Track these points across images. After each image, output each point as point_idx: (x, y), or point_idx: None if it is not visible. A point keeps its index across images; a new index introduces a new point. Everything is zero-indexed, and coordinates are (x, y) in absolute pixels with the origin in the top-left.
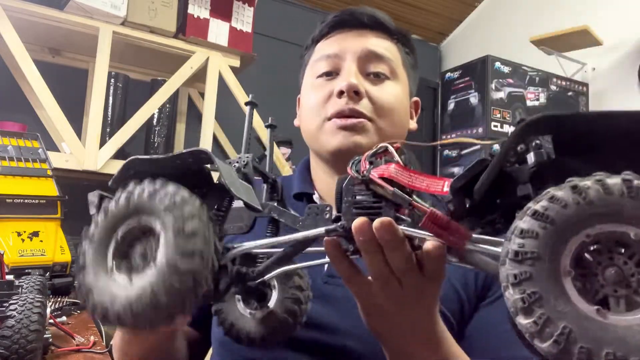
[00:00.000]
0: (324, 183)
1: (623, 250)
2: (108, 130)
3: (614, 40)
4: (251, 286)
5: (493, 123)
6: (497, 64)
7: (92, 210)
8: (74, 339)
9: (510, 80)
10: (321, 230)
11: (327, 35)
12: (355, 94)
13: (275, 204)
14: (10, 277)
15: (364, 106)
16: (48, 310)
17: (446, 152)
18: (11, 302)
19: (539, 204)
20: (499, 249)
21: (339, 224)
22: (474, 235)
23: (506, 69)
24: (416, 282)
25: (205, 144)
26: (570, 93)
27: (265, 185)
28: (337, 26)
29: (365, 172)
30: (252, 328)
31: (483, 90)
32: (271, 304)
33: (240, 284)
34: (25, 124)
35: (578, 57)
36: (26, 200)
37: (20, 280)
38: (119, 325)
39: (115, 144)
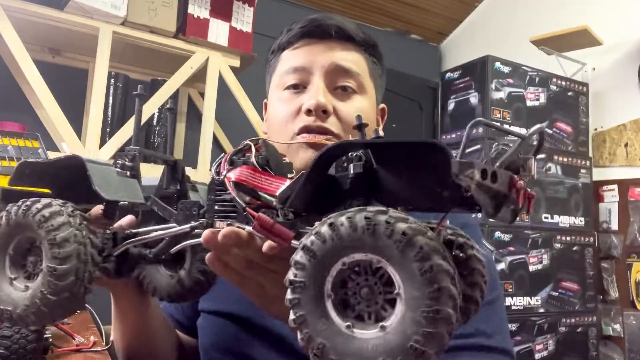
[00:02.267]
0: None
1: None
2: (108, 130)
3: (614, 40)
4: (163, 257)
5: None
6: (497, 64)
7: None
8: (74, 339)
9: (510, 80)
10: (186, 227)
11: (294, 44)
12: (323, 112)
13: (178, 186)
14: None
15: (331, 123)
16: None
17: None
18: None
19: (308, 239)
20: None
21: (202, 221)
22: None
23: (506, 69)
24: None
25: (205, 144)
26: (570, 93)
27: (165, 168)
28: (304, 36)
29: (223, 173)
30: (172, 287)
31: (483, 90)
32: (186, 266)
33: (144, 262)
34: (25, 124)
35: (578, 57)
36: None
37: None
38: (23, 325)
39: (115, 144)
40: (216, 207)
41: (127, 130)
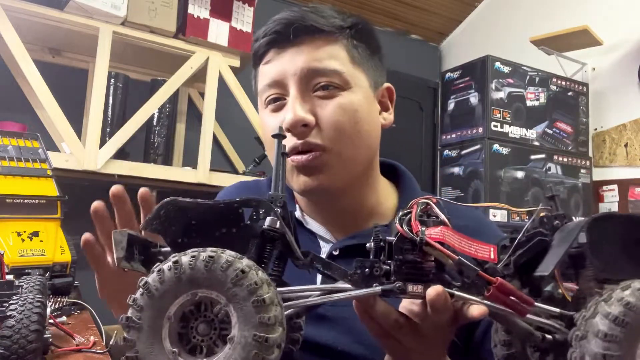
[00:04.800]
0: (303, 202)
1: None
2: (108, 130)
3: (614, 40)
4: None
5: (493, 123)
6: (497, 64)
7: (120, 253)
8: (74, 339)
9: (510, 80)
10: (378, 289)
11: (264, 58)
12: (303, 126)
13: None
14: (10, 277)
15: (315, 136)
16: (48, 310)
17: (446, 152)
18: (11, 302)
19: (615, 309)
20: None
21: (397, 285)
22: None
23: (506, 69)
24: (448, 331)
25: (205, 144)
26: (570, 93)
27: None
28: (270, 46)
29: (419, 233)
30: None
31: (483, 90)
32: None
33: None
34: (25, 124)
35: (578, 57)
36: (26, 200)
37: (20, 280)
38: None
39: (115, 144)
40: (404, 269)
41: (127, 130)
